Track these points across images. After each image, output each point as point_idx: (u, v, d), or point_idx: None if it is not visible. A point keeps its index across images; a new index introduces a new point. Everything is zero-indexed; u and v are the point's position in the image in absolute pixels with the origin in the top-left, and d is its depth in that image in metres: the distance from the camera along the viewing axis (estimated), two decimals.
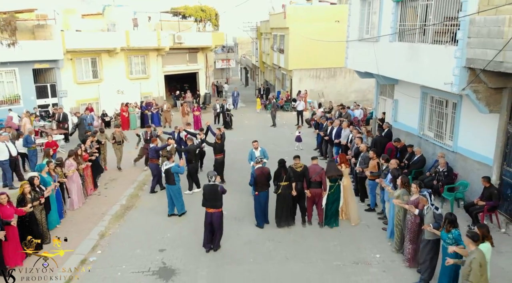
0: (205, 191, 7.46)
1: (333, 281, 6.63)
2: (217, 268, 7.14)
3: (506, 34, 6.71)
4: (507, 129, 8.10)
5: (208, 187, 7.40)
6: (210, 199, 7.36)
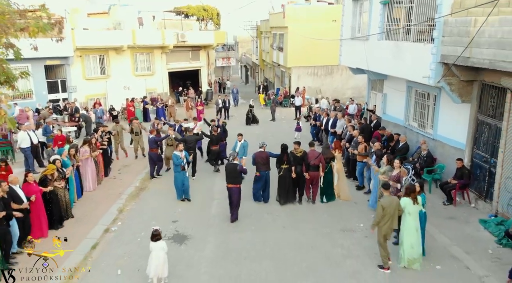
0: (226, 169, 8.61)
1: (323, 244, 7.76)
2: (223, 235, 8.26)
3: (472, 33, 7.81)
4: (477, 117, 9.22)
5: (230, 165, 8.59)
6: (230, 176, 8.56)
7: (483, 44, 7.61)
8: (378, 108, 14.57)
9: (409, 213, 6.59)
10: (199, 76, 29.88)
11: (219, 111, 22.11)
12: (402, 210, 6.57)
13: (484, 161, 9.06)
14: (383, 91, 14.08)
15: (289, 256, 7.36)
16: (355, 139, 10.72)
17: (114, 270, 7.00)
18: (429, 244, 7.47)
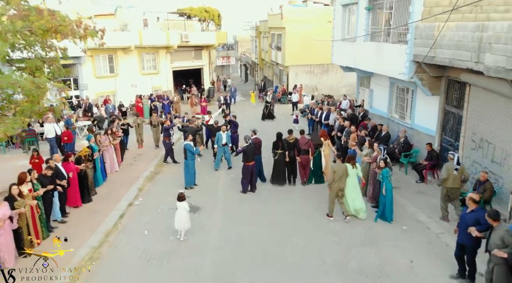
0: (248, 151, 10.30)
1: (311, 213, 9.33)
2: (228, 207, 9.83)
3: (435, 37, 9.37)
4: (444, 108, 10.79)
5: (250, 147, 10.31)
6: (251, 155, 10.30)
7: (444, 45, 9.17)
8: (366, 103, 16.13)
9: (349, 175, 8.59)
10: (202, 75, 31.43)
11: (220, 106, 23.66)
12: (348, 173, 8.67)
13: (450, 145, 10.65)
14: (370, 87, 15.65)
15: (283, 222, 8.94)
16: (347, 129, 12.33)
17: (141, 232, 8.58)
18: (399, 213, 9.07)
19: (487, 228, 5.82)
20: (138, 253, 7.73)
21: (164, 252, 7.69)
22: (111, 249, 7.94)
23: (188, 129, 13.11)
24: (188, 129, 13.11)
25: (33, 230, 7.85)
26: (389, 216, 8.65)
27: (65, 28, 7.37)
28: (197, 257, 7.50)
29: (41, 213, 8.20)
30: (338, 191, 8.78)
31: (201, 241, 8.13)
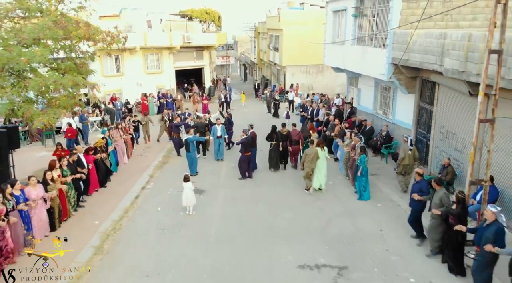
0: (246, 143, 11.73)
1: (301, 193, 10.80)
2: (230, 190, 11.29)
3: (408, 42, 10.82)
4: (419, 104, 12.26)
5: (248, 139, 11.78)
6: (248, 146, 11.71)
7: (416, 50, 10.63)
8: (354, 100, 17.60)
9: (318, 157, 10.35)
10: (202, 74, 32.87)
11: (221, 105, 25.14)
12: (319, 156, 10.40)
13: (423, 137, 12.12)
14: (358, 86, 17.12)
15: (276, 200, 10.40)
16: (331, 123, 13.80)
17: (155, 209, 10.04)
18: (377, 194, 10.56)
19: (427, 194, 7.58)
20: (154, 225, 9.19)
21: (176, 224, 9.16)
22: (130, 222, 9.40)
23: (198, 124, 14.60)
24: (198, 124, 14.60)
25: (62, 210, 9.27)
26: (366, 195, 10.14)
27: (97, 36, 8.80)
28: (204, 227, 8.97)
29: (69, 195, 9.61)
30: (310, 170, 10.49)
31: (207, 215, 9.60)
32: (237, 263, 7.49)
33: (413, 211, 7.98)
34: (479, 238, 6.05)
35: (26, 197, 8.16)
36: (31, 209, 8.22)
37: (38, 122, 8.25)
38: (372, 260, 7.50)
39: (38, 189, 8.43)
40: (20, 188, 8.15)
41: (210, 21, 35.56)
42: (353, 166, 10.79)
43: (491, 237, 5.80)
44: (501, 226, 5.92)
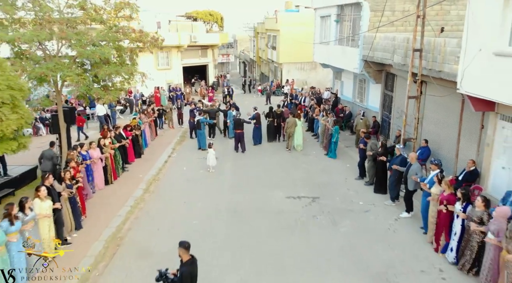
0: (234, 121, 14.99)
1: (293, 161, 14.13)
2: (235, 161, 14.59)
3: (373, 43, 14.14)
4: (384, 92, 15.61)
5: (236, 119, 15.04)
6: (237, 125, 14.98)
7: (378, 49, 13.96)
8: (339, 91, 20.96)
9: (297, 125, 13.96)
10: (207, 70, 36.17)
11: (225, 97, 28.46)
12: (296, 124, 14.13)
13: (386, 117, 15.48)
14: (341, 79, 20.47)
15: (272, 166, 13.71)
16: (312, 106, 17.26)
17: (181, 168, 13.39)
18: (347, 158, 13.90)
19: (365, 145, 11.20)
20: (182, 177, 12.56)
21: (199, 178, 12.51)
22: (164, 176, 12.77)
23: (210, 110, 17.92)
24: (210, 110, 17.92)
25: (111, 170, 12.52)
26: (333, 155, 13.77)
27: (145, 39, 12.09)
28: (219, 180, 12.32)
29: (117, 159, 12.90)
30: (290, 133, 14.36)
31: (221, 172, 12.96)
32: (244, 199, 10.80)
33: (360, 157, 11.79)
34: (391, 164, 9.56)
35: (90, 156, 11.45)
36: (93, 165, 11.48)
37: (106, 100, 11.56)
38: (336, 194, 10.90)
39: (97, 151, 11.72)
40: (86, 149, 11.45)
41: (213, 22, 38.82)
42: (326, 135, 14.22)
43: (398, 163, 9.24)
44: (403, 157, 9.40)
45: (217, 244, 8.21)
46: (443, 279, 6.99)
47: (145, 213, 10.03)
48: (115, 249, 8.18)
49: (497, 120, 9.33)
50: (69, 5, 11.53)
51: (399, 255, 7.80)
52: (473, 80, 8.77)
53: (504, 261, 6.16)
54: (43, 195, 7.40)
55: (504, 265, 6.16)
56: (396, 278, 7.01)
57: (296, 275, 7.16)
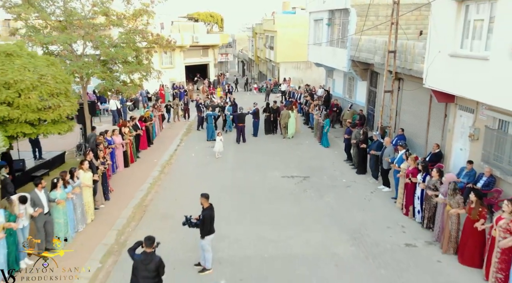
0: (237, 116, 16.84)
1: (288, 149, 16.00)
2: (237, 148, 16.46)
3: (358, 45, 16.01)
4: (369, 88, 17.50)
5: (239, 113, 16.87)
6: (240, 119, 16.78)
7: (363, 51, 15.84)
8: (331, 88, 22.85)
9: (290, 116, 15.78)
10: (208, 69, 37.98)
11: (226, 94, 30.29)
12: (289, 115, 16.04)
13: (371, 111, 17.37)
14: (333, 77, 22.36)
15: (270, 153, 15.55)
16: (308, 103, 19.13)
17: (190, 155, 15.24)
18: (336, 147, 15.78)
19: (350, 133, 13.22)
20: (191, 161, 14.42)
21: (207, 162, 14.37)
22: (176, 160, 14.64)
23: (212, 105, 19.80)
24: (212, 105, 19.80)
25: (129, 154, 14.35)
26: (325, 143, 15.53)
27: (161, 42, 13.93)
28: (224, 163, 14.17)
29: (134, 146, 14.72)
30: (284, 124, 16.37)
31: (225, 158, 14.80)
32: (246, 177, 12.67)
33: (345, 144, 13.72)
34: (370, 149, 11.48)
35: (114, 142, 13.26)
36: (116, 149, 13.30)
37: (128, 94, 13.39)
38: (324, 174, 12.79)
39: (119, 137, 13.55)
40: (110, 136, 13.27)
41: (213, 23, 40.59)
42: (318, 127, 16.11)
43: (375, 147, 11.16)
44: (380, 142, 11.30)
45: (225, 208, 10.06)
46: (404, 232, 8.89)
47: (163, 188, 11.90)
48: (142, 214, 10.04)
49: (456, 110, 11.24)
50: (94, 12, 13.36)
51: (371, 216, 9.69)
52: (435, 76, 10.68)
53: (448, 214, 8.05)
54: (85, 167, 9.25)
55: (448, 217, 8.05)
56: (366, 231, 8.91)
57: (288, 229, 9.04)
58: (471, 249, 7.33)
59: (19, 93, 7.69)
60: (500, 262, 6.54)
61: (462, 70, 9.64)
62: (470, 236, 7.35)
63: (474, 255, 7.31)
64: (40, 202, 7.71)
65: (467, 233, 7.47)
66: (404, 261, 7.73)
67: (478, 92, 9.22)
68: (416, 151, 12.98)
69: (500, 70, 8.30)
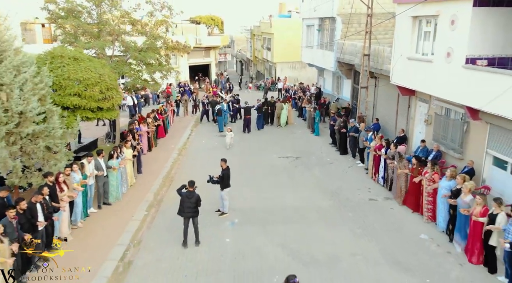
0: (244, 109, 19.70)
1: (283, 139, 18.85)
2: (242, 136, 19.31)
3: (343, 48, 18.90)
4: (353, 86, 20.42)
5: (245, 107, 19.70)
6: (246, 112, 19.62)
7: (346, 53, 18.73)
8: (322, 86, 25.77)
9: (283, 108, 18.69)
10: (209, 69, 40.80)
11: (227, 92, 33.14)
12: (283, 107, 19.08)
13: (355, 104, 20.28)
14: (324, 76, 25.28)
15: (269, 140, 18.43)
16: (301, 98, 22.06)
17: (201, 142, 18.10)
18: (325, 136, 18.67)
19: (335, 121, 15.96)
20: (203, 147, 17.29)
21: (215, 147, 17.22)
22: (190, 146, 17.51)
23: (212, 102, 22.69)
24: (212, 102, 22.69)
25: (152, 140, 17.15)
26: (316, 132, 18.43)
27: (179, 47, 16.78)
28: (232, 148, 16.97)
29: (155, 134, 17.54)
30: (278, 115, 19.17)
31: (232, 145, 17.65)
32: (249, 159, 15.52)
33: (330, 130, 16.64)
34: (349, 132, 14.52)
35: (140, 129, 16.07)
36: (142, 136, 16.13)
37: (153, 89, 16.24)
38: (313, 155, 15.70)
39: (145, 126, 16.38)
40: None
41: (214, 25, 43.38)
42: (310, 119, 19.04)
43: (352, 130, 14.11)
44: (356, 127, 14.23)
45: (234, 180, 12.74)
46: (369, 192, 11.82)
47: (183, 165, 14.78)
48: (170, 182, 12.90)
49: (417, 101, 14.16)
50: (122, 22, 16.16)
51: (347, 182, 12.62)
52: (398, 75, 13.60)
53: (398, 174, 10.96)
54: (128, 145, 12.09)
55: (398, 176, 10.96)
56: (342, 192, 11.82)
57: (282, 192, 11.93)
58: (413, 196, 10.26)
59: (86, 87, 10.48)
60: (428, 203, 9.47)
61: (416, 70, 12.55)
62: (412, 187, 10.29)
63: (414, 201, 10.23)
64: (101, 167, 10.55)
65: (410, 185, 10.40)
66: (367, 209, 10.65)
67: (428, 87, 12.14)
68: (388, 135, 15.87)
69: (440, 70, 11.22)
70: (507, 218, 7.03)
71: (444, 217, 9.19)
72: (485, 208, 7.51)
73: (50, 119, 9.02)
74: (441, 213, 9.22)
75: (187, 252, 8.55)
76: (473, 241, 7.82)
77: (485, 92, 9.47)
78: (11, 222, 6.90)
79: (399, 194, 10.86)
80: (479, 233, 7.60)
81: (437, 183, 9.33)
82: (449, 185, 8.90)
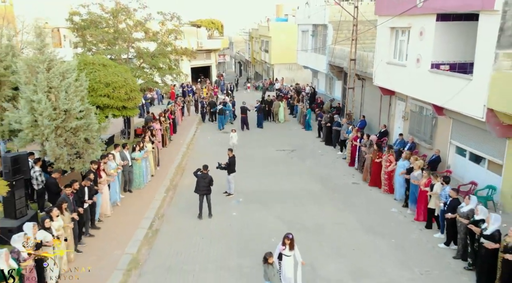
0: (241, 108, 21.71)
1: (280, 135, 20.87)
2: (242, 134, 21.31)
3: (333, 52, 20.93)
4: (343, 86, 22.46)
5: (242, 107, 21.72)
6: (243, 111, 21.64)
7: (337, 57, 20.77)
8: (316, 87, 27.82)
9: (280, 105, 21.00)
10: (210, 70, 42.79)
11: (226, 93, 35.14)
12: (280, 105, 21.32)
13: (344, 103, 22.33)
14: (317, 78, 27.33)
15: (267, 136, 20.45)
16: (293, 97, 24.17)
17: (206, 138, 20.12)
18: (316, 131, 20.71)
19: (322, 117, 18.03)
20: (208, 142, 19.31)
21: (219, 142, 19.21)
22: (196, 141, 19.51)
23: (211, 102, 24.72)
24: (211, 102, 24.72)
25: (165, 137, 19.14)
26: (309, 128, 20.51)
27: (187, 52, 18.78)
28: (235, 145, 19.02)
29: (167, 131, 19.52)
30: (275, 112, 21.33)
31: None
32: (250, 151, 17.52)
33: (318, 125, 18.65)
34: (332, 126, 16.59)
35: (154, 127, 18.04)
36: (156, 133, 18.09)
37: (164, 90, 18.24)
38: (306, 148, 17.76)
39: (158, 124, 18.36)
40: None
41: (214, 29, 45.35)
42: (302, 116, 21.13)
43: (335, 125, 16.20)
44: (338, 121, 16.41)
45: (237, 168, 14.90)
46: (353, 177, 13.88)
47: (191, 158, 16.81)
48: (182, 171, 14.92)
49: (396, 100, 16.22)
50: (135, 30, 18.17)
51: (334, 170, 14.68)
52: (379, 77, 15.65)
53: (366, 157, 13.04)
54: (147, 140, 14.09)
55: (366, 159, 13.06)
56: (330, 178, 13.88)
57: (279, 179, 13.95)
58: (376, 175, 12.48)
59: (113, 89, 12.49)
60: (386, 179, 11.77)
61: (394, 73, 14.60)
62: (374, 167, 12.51)
63: (377, 179, 12.47)
64: (126, 158, 12.53)
65: (373, 165, 12.62)
66: (349, 190, 12.71)
67: (403, 87, 14.20)
68: (373, 130, 17.95)
69: (412, 73, 13.28)
70: (441, 186, 9.22)
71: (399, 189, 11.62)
72: (429, 180, 9.76)
73: (88, 116, 11.00)
74: (398, 186, 11.54)
75: (202, 222, 10.58)
76: (419, 204, 10.30)
77: (446, 92, 11.53)
78: (68, 197, 8.88)
79: (366, 174, 13.08)
80: (424, 198, 10.02)
81: (393, 163, 11.64)
82: (403, 165, 11.27)
